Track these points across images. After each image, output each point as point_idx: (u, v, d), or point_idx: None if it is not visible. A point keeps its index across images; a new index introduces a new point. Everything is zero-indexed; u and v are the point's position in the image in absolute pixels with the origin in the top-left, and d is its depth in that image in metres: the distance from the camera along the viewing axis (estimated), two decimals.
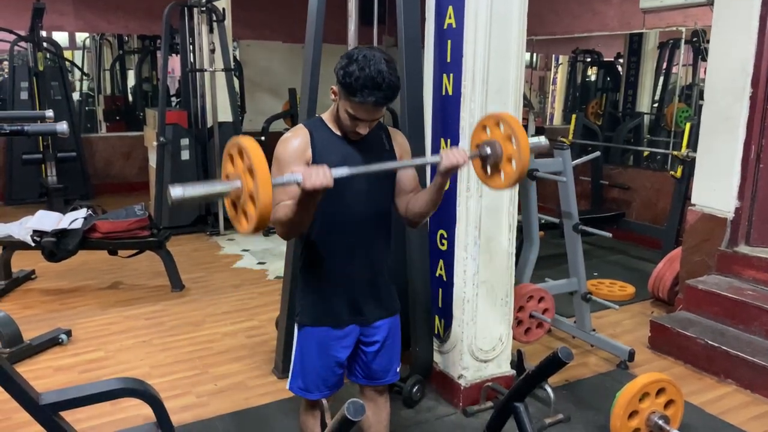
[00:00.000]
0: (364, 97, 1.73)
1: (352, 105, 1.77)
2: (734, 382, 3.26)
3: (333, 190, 1.77)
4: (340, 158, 1.84)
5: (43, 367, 3.31)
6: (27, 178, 6.93)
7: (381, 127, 1.99)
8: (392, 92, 1.76)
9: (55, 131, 2.17)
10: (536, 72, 9.79)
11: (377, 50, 1.79)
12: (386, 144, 1.98)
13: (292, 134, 1.90)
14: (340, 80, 1.76)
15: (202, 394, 3.07)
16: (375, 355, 2.07)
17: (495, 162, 1.88)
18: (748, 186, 3.70)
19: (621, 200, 6.24)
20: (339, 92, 1.81)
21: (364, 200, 1.93)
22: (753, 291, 3.56)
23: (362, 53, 1.75)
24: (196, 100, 6.12)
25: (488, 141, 1.89)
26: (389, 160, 1.96)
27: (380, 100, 1.75)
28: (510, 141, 1.83)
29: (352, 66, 1.73)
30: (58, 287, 4.52)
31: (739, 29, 3.61)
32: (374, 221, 1.98)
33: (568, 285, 3.54)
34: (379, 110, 1.80)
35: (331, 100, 1.88)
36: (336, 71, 1.78)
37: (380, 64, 1.73)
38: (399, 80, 1.79)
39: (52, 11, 6.98)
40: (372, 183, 1.92)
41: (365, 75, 1.71)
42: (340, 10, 3.12)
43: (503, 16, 2.64)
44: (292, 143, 1.87)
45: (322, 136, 1.88)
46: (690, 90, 7.04)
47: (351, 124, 1.83)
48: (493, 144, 1.87)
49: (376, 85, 1.72)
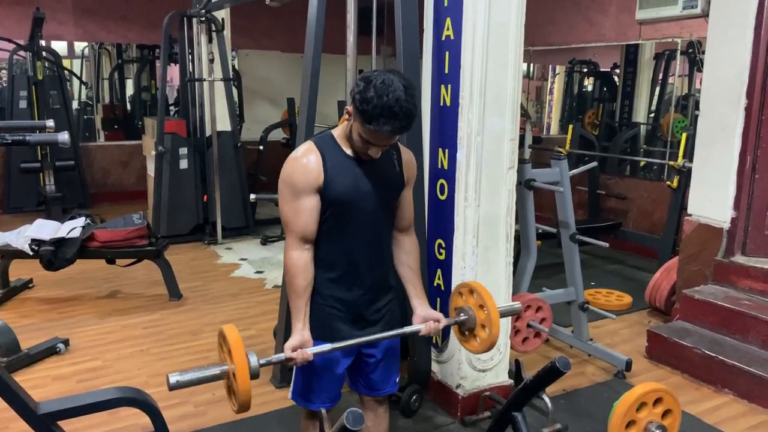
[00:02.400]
0: (379, 125, 1.71)
1: (366, 131, 1.75)
2: (731, 391, 3.27)
3: (342, 209, 1.85)
4: (351, 180, 1.86)
5: (40, 376, 3.31)
6: (25, 187, 6.93)
7: (393, 145, 1.96)
8: (408, 122, 1.75)
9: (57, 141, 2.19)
10: (533, 82, 9.83)
11: (396, 75, 1.76)
12: (396, 166, 1.97)
13: (303, 155, 1.86)
14: (357, 105, 1.74)
15: (200, 404, 3.06)
16: (375, 366, 2.08)
17: (470, 327, 2.04)
18: (744, 196, 3.73)
19: (618, 210, 6.26)
20: (354, 115, 1.78)
21: (372, 220, 1.93)
22: (749, 301, 3.57)
23: (381, 78, 1.72)
24: (195, 109, 6.14)
25: (462, 308, 2.07)
26: (398, 182, 1.98)
27: (396, 129, 1.74)
28: (482, 309, 2.00)
29: (369, 92, 1.70)
30: (55, 296, 4.52)
31: (734, 40, 3.65)
32: (381, 239, 1.99)
33: (566, 294, 3.56)
34: (393, 138, 1.79)
35: (345, 119, 1.87)
36: (352, 94, 1.76)
37: (398, 91, 1.70)
38: (416, 108, 1.77)
39: (51, 20, 7.01)
40: (381, 204, 1.93)
41: (383, 103, 1.69)
42: (339, 21, 3.15)
43: (501, 28, 2.67)
44: (306, 169, 1.84)
45: (333, 158, 1.86)
46: (686, 100, 7.08)
47: (363, 146, 1.81)
48: (467, 311, 2.05)
49: (392, 114, 1.70)
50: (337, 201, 1.86)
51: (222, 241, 6.03)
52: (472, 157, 2.73)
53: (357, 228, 1.91)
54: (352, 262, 1.94)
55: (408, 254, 2.07)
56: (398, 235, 2.06)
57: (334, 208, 1.87)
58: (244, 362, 1.65)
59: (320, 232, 1.90)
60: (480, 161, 2.74)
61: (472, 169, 2.74)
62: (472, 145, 2.72)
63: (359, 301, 1.97)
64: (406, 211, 2.05)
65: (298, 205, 1.84)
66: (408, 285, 2.06)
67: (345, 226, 1.90)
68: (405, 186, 2.01)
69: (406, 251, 2.07)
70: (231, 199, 6.14)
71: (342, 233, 1.91)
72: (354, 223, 1.90)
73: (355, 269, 1.95)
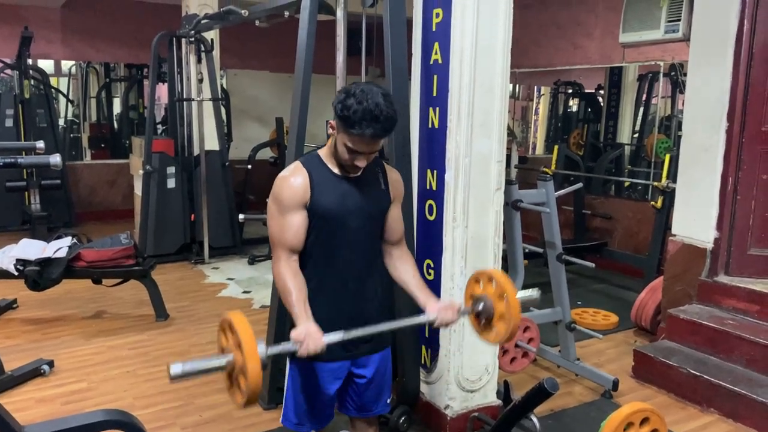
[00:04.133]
0: (362, 129, 1.77)
1: (351, 138, 1.80)
2: (717, 411, 3.29)
3: (330, 225, 1.86)
4: (338, 196, 1.89)
5: (24, 399, 3.26)
6: (10, 205, 6.86)
7: (377, 163, 2.02)
8: (390, 124, 1.81)
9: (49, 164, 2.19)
10: (519, 102, 9.94)
11: (374, 85, 1.84)
12: (382, 183, 2.02)
13: (291, 174, 1.91)
14: (339, 114, 1.80)
15: (187, 426, 3.04)
16: (366, 387, 2.09)
17: (488, 317, 1.94)
18: (726, 217, 3.79)
19: (603, 230, 6.32)
20: (337, 126, 1.84)
21: (361, 236, 1.96)
22: (733, 320, 3.62)
23: (360, 87, 1.79)
24: (183, 128, 6.15)
25: (480, 296, 1.96)
26: (384, 199, 2.01)
27: (378, 132, 1.79)
28: (502, 299, 1.90)
29: (350, 100, 1.77)
30: (40, 316, 4.47)
31: (715, 64, 3.74)
32: (368, 258, 2.01)
33: (553, 314, 3.58)
34: (376, 142, 1.84)
35: (328, 134, 1.91)
36: (334, 105, 1.82)
37: (377, 97, 1.77)
38: (396, 113, 1.83)
39: (39, 39, 7.02)
40: (368, 220, 1.96)
41: (363, 108, 1.75)
42: (328, 42, 3.19)
43: (488, 53, 2.72)
44: (293, 186, 1.88)
45: (319, 176, 1.90)
46: (669, 121, 7.20)
47: (349, 157, 1.85)
48: (485, 300, 1.94)
49: (373, 118, 1.76)
50: (324, 216, 1.90)
51: (209, 260, 6.00)
52: (460, 178, 2.76)
53: (344, 244, 1.94)
54: (340, 278, 1.96)
55: (404, 262, 2.08)
56: (390, 248, 2.08)
57: (322, 223, 1.90)
58: (254, 349, 1.55)
59: (309, 250, 1.92)
60: (468, 182, 2.77)
61: (460, 190, 2.77)
62: (460, 167, 2.75)
63: (350, 318, 1.97)
64: (396, 226, 2.07)
65: (285, 221, 1.88)
66: (413, 289, 2.03)
67: (332, 242, 1.92)
68: (391, 203, 2.04)
69: (402, 260, 2.08)
70: (218, 218, 6.12)
71: (331, 249, 1.93)
72: (340, 239, 1.93)
73: (343, 286, 1.97)
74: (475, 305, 1.96)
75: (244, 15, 4.30)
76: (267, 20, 4.27)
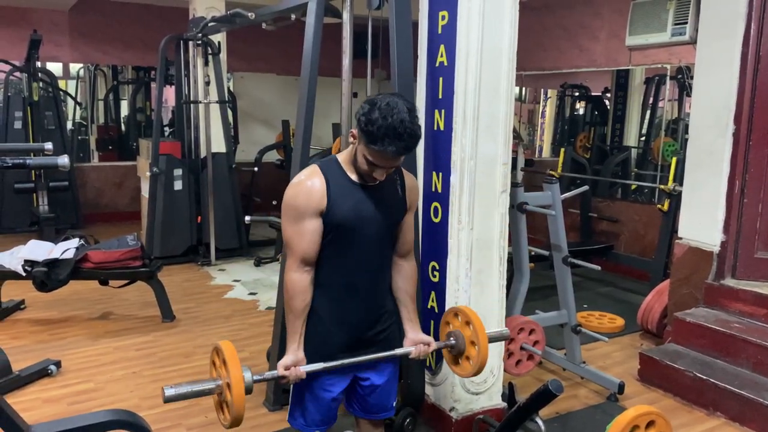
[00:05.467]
0: (384, 146, 1.74)
1: (371, 152, 1.78)
2: (723, 414, 3.28)
3: (343, 234, 1.87)
4: (353, 204, 1.88)
5: (31, 399, 3.28)
6: (17, 207, 6.90)
7: (397, 170, 1.98)
8: (413, 142, 1.78)
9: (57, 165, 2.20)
10: (525, 105, 9.94)
11: (400, 98, 1.80)
12: (399, 191, 2.00)
13: (308, 178, 1.89)
14: (362, 127, 1.77)
15: (193, 427, 3.05)
16: (372, 390, 2.09)
17: (460, 350, 2.09)
18: (733, 220, 3.77)
19: (609, 233, 6.30)
20: (359, 137, 1.81)
21: (373, 245, 1.95)
22: (739, 324, 3.60)
23: (385, 101, 1.76)
24: (190, 130, 6.17)
25: (452, 332, 2.13)
26: (400, 208, 2.01)
27: (401, 150, 1.77)
28: (468, 326, 2.06)
29: (374, 113, 1.74)
30: (47, 317, 4.49)
31: (721, 67, 3.73)
32: (380, 264, 2.01)
33: (558, 317, 3.57)
34: (398, 159, 1.82)
35: (350, 142, 1.90)
36: (357, 116, 1.79)
37: (403, 113, 1.74)
38: (420, 129, 1.81)
39: (48, 42, 7.07)
40: (382, 230, 1.95)
41: (387, 124, 1.72)
42: (334, 45, 3.20)
43: (493, 55, 2.72)
44: (310, 192, 1.86)
45: (336, 182, 1.88)
46: (676, 124, 7.18)
47: (368, 169, 1.83)
48: (456, 333, 2.11)
49: (397, 135, 1.73)
50: (340, 225, 1.88)
51: (215, 262, 6.02)
52: (466, 180, 2.76)
53: (358, 252, 1.93)
54: (352, 285, 1.95)
55: (406, 280, 2.09)
56: (398, 260, 2.08)
57: (336, 232, 1.89)
58: (239, 375, 1.70)
59: (321, 255, 1.91)
60: (473, 185, 2.77)
61: (465, 192, 2.77)
62: (465, 169, 2.75)
63: (357, 324, 1.98)
64: (407, 236, 2.07)
65: (300, 228, 1.86)
66: (402, 308, 2.08)
67: (346, 250, 1.91)
68: (407, 211, 2.03)
69: (405, 277, 2.08)
70: (225, 220, 6.14)
71: (343, 257, 1.92)
72: (355, 247, 1.92)
73: (354, 293, 1.96)
74: (447, 340, 2.14)
75: (251, 18, 4.32)
76: (273, 23, 4.29)
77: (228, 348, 1.76)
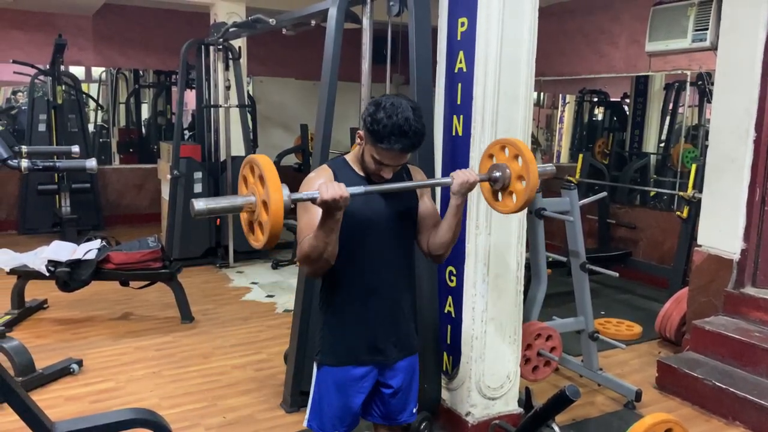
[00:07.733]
0: (390, 143, 1.79)
1: (378, 151, 1.83)
2: (742, 424, 3.25)
3: (356, 228, 1.87)
4: (362, 200, 1.89)
5: (54, 396, 3.34)
6: (40, 208, 7.03)
7: (403, 167, 2.02)
8: (418, 139, 1.82)
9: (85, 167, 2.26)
10: (543, 110, 9.91)
11: (404, 98, 1.85)
12: (405, 179, 2.03)
13: (317, 174, 1.94)
14: (368, 126, 1.82)
15: (211, 427, 3.08)
16: (393, 396, 2.09)
17: (504, 185, 2.00)
18: (754, 228, 3.74)
19: (628, 239, 6.27)
20: (365, 137, 1.86)
21: (387, 239, 1.97)
22: (760, 333, 3.57)
23: (390, 101, 1.81)
24: (210, 134, 6.25)
25: (496, 164, 2.02)
26: (410, 202, 2.02)
27: (406, 147, 1.81)
28: (516, 160, 1.95)
29: (379, 113, 1.79)
30: (69, 317, 4.57)
31: (743, 74, 3.70)
32: (397, 261, 2.01)
33: (576, 324, 3.57)
34: (404, 156, 1.86)
35: (357, 143, 1.93)
36: (363, 117, 1.84)
37: (407, 111, 1.79)
38: (425, 127, 1.85)
39: (72, 46, 7.19)
40: (395, 222, 1.97)
41: (392, 123, 1.77)
42: (353, 50, 3.23)
43: (512, 62, 2.74)
44: (317, 183, 1.88)
45: (345, 177, 1.91)
46: (696, 131, 7.11)
47: (376, 168, 1.88)
48: (502, 166, 2.00)
49: (402, 133, 1.78)
50: (350, 217, 1.88)
51: (233, 264, 6.08)
52: None
53: (372, 247, 1.95)
54: (369, 283, 1.97)
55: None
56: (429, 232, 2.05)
57: (348, 225, 1.88)
58: (278, 187, 1.57)
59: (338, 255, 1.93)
60: None
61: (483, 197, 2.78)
62: None
63: (376, 322, 1.99)
64: (435, 217, 2.05)
65: (311, 218, 1.87)
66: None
67: (360, 245, 1.93)
68: (419, 200, 2.05)
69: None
70: None
71: (357, 252, 1.93)
72: (368, 241, 1.94)
73: (371, 291, 1.97)
74: (491, 172, 2.02)
75: (272, 23, 4.37)
76: (293, 28, 4.34)
77: (265, 162, 1.60)
